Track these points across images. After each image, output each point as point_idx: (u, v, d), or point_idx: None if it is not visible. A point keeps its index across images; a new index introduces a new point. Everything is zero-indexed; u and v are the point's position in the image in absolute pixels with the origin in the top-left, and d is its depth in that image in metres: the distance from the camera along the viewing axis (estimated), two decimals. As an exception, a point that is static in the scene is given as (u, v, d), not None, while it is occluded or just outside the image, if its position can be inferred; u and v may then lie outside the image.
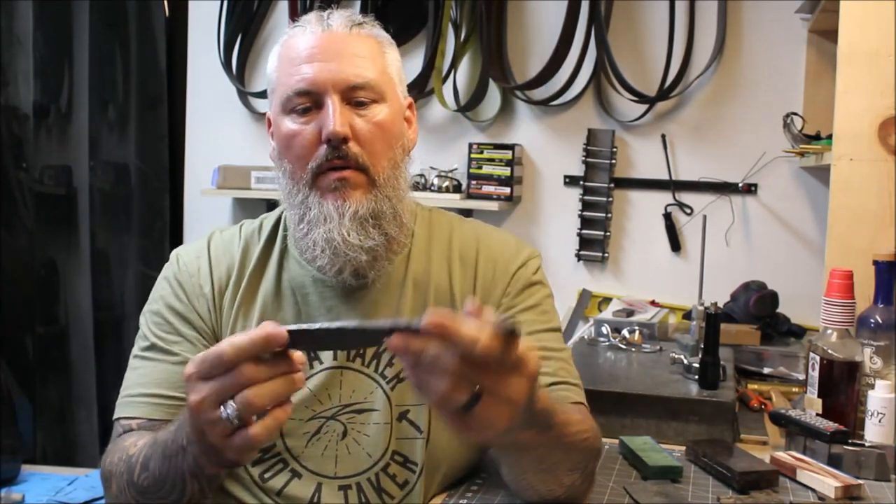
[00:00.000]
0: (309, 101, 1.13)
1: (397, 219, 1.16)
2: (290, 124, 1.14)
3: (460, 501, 1.16)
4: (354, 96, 1.13)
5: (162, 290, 1.21)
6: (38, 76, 2.80)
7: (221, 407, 0.82)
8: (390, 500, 1.16)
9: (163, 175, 2.98)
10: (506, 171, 2.58)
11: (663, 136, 2.57)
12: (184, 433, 0.93)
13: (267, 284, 1.20)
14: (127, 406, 1.15)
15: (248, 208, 2.86)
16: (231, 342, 0.82)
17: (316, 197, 1.13)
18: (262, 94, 2.81)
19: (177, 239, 2.96)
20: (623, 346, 1.91)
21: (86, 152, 2.86)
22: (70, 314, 2.88)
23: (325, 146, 1.11)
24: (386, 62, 1.19)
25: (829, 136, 1.85)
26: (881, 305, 1.47)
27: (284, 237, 1.23)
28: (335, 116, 1.10)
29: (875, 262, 1.48)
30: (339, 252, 1.12)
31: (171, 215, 2.99)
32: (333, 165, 1.12)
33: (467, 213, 2.57)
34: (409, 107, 1.24)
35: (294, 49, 1.15)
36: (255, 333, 0.81)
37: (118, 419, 1.15)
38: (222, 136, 2.88)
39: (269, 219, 1.26)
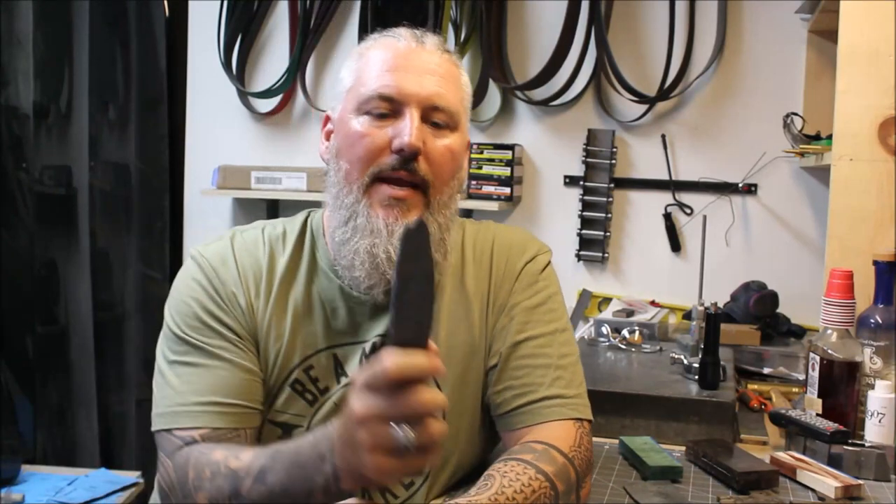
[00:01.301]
0: (388, 108, 1.12)
1: (443, 245, 1.15)
2: (360, 125, 1.12)
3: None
4: (432, 117, 1.13)
5: (193, 293, 1.14)
6: (38, 76, 2.80)
7: (393, 426, 0.79)
8: (394, 499, 1.15)
9: (163, 175, 2.98)
10: (506, 172, 2.58)
11: (663, 136, 2.57)
12: (327, 443, 0.90)
13: (297, 296, 1.16)
14: (182, 416, 1.08)
15: (248, 208, 2.86)
16: (397, 363, 0.78)
17: (366, 206, 1.11)
18: (262, 94, 2.81)
19: (177, 239, 2.96)
20: (623, 347, 1.91)
21: (86, 152, 2.86)
22: (70, 314, 2.88)
23: (394, 155, 1.10)
24: (463, 94, 1.20)
25: (829, 136, 1.84)
26: (881, 305, 1.47)
27: (312, 247, 1.20)
28: (413, 129, 1.09)
29: (875, 262, 1.48)
30: (379, 268, 1.10)
31: (171, 215, 2.98)
32: (398, 176, 1.10)
33: (467, 213, 2.57)
34: (467, 145, 1.23)
35: (384, 54, 1.14)
36: (421, 361, 0.79)
37: (171, 430, 1.08)
38: (222, 136, 2.88)
39: (292, 225, 1.22)
